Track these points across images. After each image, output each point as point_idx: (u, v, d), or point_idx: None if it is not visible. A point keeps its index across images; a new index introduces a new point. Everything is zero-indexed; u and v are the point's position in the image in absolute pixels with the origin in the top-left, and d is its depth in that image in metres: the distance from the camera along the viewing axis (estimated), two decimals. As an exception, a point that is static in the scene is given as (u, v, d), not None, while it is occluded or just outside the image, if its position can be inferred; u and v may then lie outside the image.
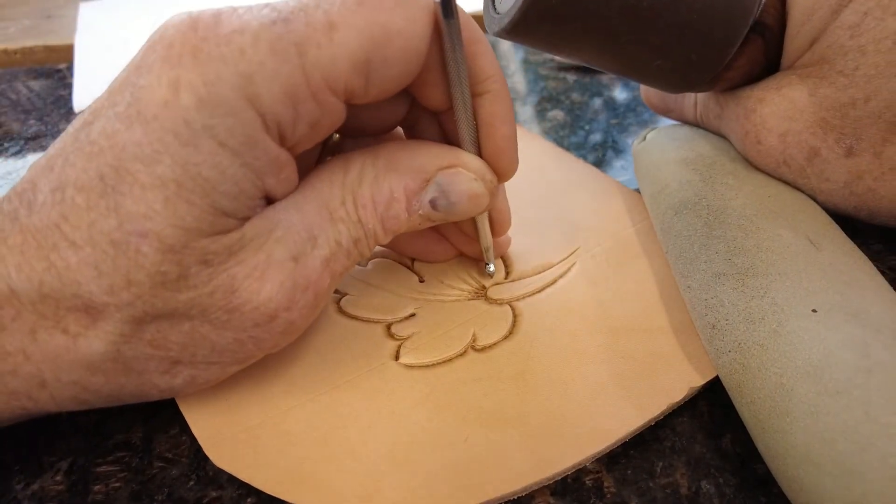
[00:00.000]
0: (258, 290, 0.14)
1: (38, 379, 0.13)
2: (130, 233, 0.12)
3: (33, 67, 0.37)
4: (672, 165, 0.21)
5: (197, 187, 0.12)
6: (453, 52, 0.14)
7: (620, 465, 0.15)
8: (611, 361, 0.17)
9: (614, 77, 0.37)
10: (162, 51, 0.12)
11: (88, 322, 0.13)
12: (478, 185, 0.17)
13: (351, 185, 0.15)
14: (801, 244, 0.17)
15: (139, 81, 0.12)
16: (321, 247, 0.15)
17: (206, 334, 0.14)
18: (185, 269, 0.13)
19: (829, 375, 0.14)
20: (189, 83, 0.12)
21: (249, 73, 0.12)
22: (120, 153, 0.12)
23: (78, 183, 0.12)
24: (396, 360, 0.17)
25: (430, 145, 0.17)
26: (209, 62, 0.12)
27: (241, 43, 0.12)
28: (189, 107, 0.12)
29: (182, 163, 0.12)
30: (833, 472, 0.13)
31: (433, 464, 0.14)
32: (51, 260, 0.13)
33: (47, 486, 0.15)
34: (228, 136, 0.12)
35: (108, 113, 0.13)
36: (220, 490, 0.15)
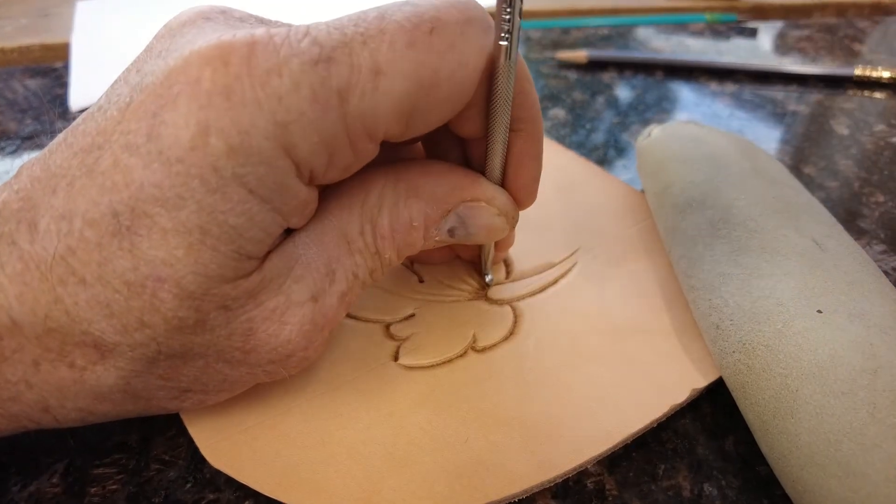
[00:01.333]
0: (277, 333, 0.13)
1: (41, 405, 0.13)
2: (147, 276, 0.12)
3: (29, 66, 0.37)
4: (677, 164, 0.21)
5: (223, 234, 0.12)
6: (505, 93, 0.14)
7: (622, 468, 0.15)
8: (612, 362, 0.17)
9: (616, 75, 0.37)
10: (187, 85, 0.11)
11: (97, 357, 0.12)
12: (499, 221, 0.16)
13: (370, 212, 0.14)
14: (806, 245, 0.17)
15: (161, 115, 0.11)
16: (339, 282, 0.14)
17: (220, 370, 0.14)
18: (203, 314, 0.12)
19: (834, 376, 0.14)
20: (220, 129, 0.11)
21: (287, 122, 0.11)
22: (137, 192, 0.11)
23: (87, 216, 0.11)
24: (396, 360, 0.17)
25: (453, 172, 0.16)
26: (243, 107, 0.11)
27: (279, 87, 0.11)
28: (219, 154, 0.11)
29: (208, 210, 0.11)
30: (838, 473, 0.13)
31: (433, 465, 0.14)
32: (57, 294, 0.12)
33: (43, 488, 0.15)
34: (259, 185, 0.12)
35: (120, 140, 0.11)
36: (217, 492, 0.15)
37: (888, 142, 0.30)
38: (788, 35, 0.44)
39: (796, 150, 0.30)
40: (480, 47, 0.13)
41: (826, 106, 0.34)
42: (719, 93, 0.35)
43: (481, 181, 0.16)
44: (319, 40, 0.12)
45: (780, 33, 0.45)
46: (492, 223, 0.16)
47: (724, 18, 0.47)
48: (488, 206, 0.16)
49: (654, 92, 0.35)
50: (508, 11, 0.12)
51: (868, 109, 0.33)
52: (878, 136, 0.31)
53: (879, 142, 0.30)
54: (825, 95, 0.35)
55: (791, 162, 0.28)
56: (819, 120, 0.32)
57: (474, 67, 0.13)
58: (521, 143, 0.16)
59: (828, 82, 0.36)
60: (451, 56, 0.12)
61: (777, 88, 0.36)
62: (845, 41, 0.43)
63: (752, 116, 0.33)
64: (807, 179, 0.27)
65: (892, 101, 0.34)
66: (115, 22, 0.41)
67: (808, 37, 0.44)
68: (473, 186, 0.16)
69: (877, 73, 0.35)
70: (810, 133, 0.31)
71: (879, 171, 0.28)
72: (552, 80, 0.37)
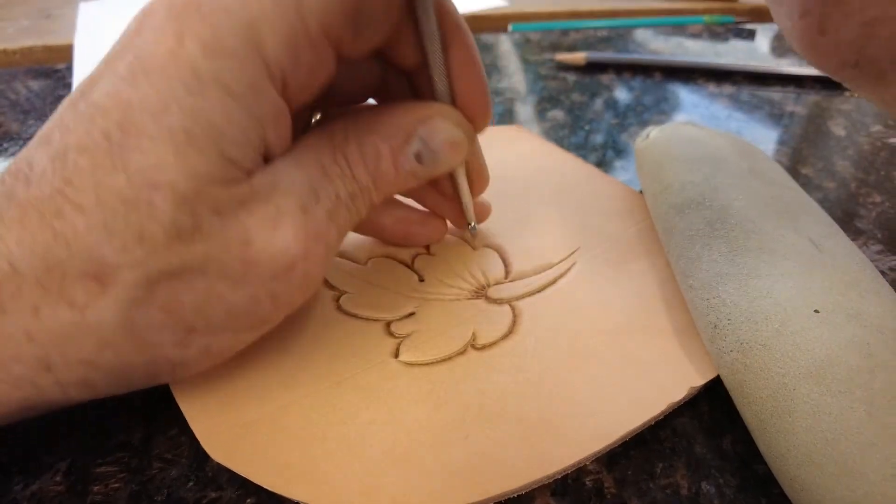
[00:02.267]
0: (273, 238, 0.14)
1: (43, 362, 0.13)
2: (142, 186, 0.12)
3: (32, 67, 0.37)
4: (675, 164, 0.21)
5: (206, 135, 0.12)
6: (424, 5, 0.15)
7: (620, 466, 0.15)
8: (611, 361, 0.17)
9: (614, 77, 0.37)
10: (163, 10, 0.13)
11: (98, 289, 0.13)
12: (457, 133, 0.17)
13: (339, 144, 0.16)
14: (803, 245, 0.17)
15: (141, 37, 0.13)
16: (323, 200, 0.15)
17: (222, 293, 0.14)
18: (198, 218, 0.13)
19: (831, 375, 0.14)
20: (195, 33, 0.12)
21: (253, 21, 0.13)
22: (126, 109, 0.12)
23: (80, 145, 0.12)
24: (396, 357, 0.17)
25: (406, 103, 0.17)
26: (213, 13, 0.12)
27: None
28: (196, 55, 0.12)
29: (190, 110, 0.12)
30: (835, 472, 0.13)
31: (432, 461, 0.14)
32: (56, 228, 0.12)
33: (46, 487, 0.15)
34: (235, 83, 0.13)
35: (108, 77, 0.13)
36: (219, 491, 0.15)
37: (885, 142, 0.30)
38: (786, 37, 0.44)
39: (794, 150, 0.30)
40: None
41: (823, 107, 0.34)
42: (717, 94, 0.35)
43: (432, 103, 0.17)
44: None
45: (778, 35, 0.45)
46: (451, 135, 0.17)
47: (721, 20, 0.47)
48: (443, 120, 0.17)
49: (653, 93, 0.35)
50: None
51: (865, 110, 0.33)
52: (875, 136, 0.31)
53: (876, 143, 0.30)
54: (822, 97, 0.35)
55: (788, 163, 0.29)
56: (816, 121, 0.32)
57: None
58: (458, 55, 0.17)
59: (825, 84, 0.36)
60: None
61: (775, 90, 0.36)
62: (843, 43, 0.43)
63: (749, 117, 0.33)
64: (804, 180, 0.27)
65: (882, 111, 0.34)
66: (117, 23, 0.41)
67: (806, 39, 0.44)
68: (425, 108, 0.17)
69: (874, 75, 0.35)
70: (808, 134, 0.31)
71: (876, 171, 0.28)
72: (551, 81, 0.37)
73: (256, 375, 0.16)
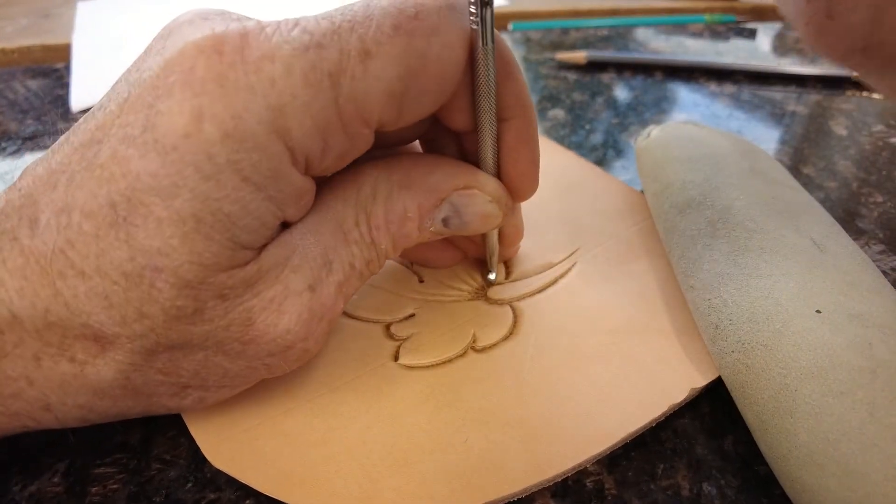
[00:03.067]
0: (276, 322, 0.13)
1: (42, 402, 0.13)
2: (144, 266, 0.12)
3: (31, 67, 0.37)
4: (676, 164, 0.21)
5: (217, 223, 0.12)
6: (486, 78, 0.14)
7: (621, 467, 0.15)
8: (611, 362, 0.17)
9: (615, 76, 0.37)
10: (182, 74, 0.11)
11: (97, 351, 0.13)
12: (492, 207, 0.16)
13: (364, 202, 0.15)
14: (804, 245, 0.17)
15: (156, 105, 0.11)
16: (336, 272, 0.14)
17: (220, 363, 0.14)
18: (201, 303, 0.12)
19: (833, 376, 0.14)
20: (214, 115, 0.11)
21: (280, 106, 0.11)
22: (133, 182, 0.11)
23: (86, 209, 0.12)
24: (396, 360, 0.17)
25: (445, 163, 0.16)
26: (236, 92, 0.11)
27: (272, 72, 0.11)
28: (213, 140, 0.11)
29: (202, 198, 0.11)
30: (836, 472, 0.13)
31: (432, 465, 0.14)
32: (57, 287, 0.12)
33: (45, 488, 0.15)
34: (253, 171, 0.12)
35: (118, 133, 0.12)
36: (218, 492, 0.15)
37: (886, 142, 0.30)
38: (787, 36, 0.44)
39: (795, 150, 0.30)
40: (462, 31, 0.13)
41: (825, 106, 0.34)
42: (718, 93, 0.35)
43: (472, 169, 0.16)
44: (309, 29, 0.12)
45: (779, 34, 0.45)
46: (485, 210, 0.16)
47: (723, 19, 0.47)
48: (480, 192, 0.16)
49: (653, 92, 0.35)
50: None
51: (866, 110, 0.33)
52: (877, 136, 0.31)
53: (878, 142, 0.30)
54: (824, 96, 0.35)
55: (790, 162, 0.28)
56: (818, 120, 0.32)
57: (458, 51, 0.13)
58: (514, 131, 0.16)
59: (826, 83, 0.36)
60: (435, 39, 0.13)
61: (776, 89, 0.36)
62: (844, 42, 0.43)
63: (750, 117, 0.33)
64: (805, 180, 0.27)
65: (890, 101, 0.34)
66: (116, 22, 0.41)
67: (807, 38, 0.44)
68: (465, 175, 0.16)
69: (875, 74, 0.35)
70: (809, 133, 0.31)
71: (878, 171, 0.28)
72: (551, 80, 0.37)
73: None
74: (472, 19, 0.13)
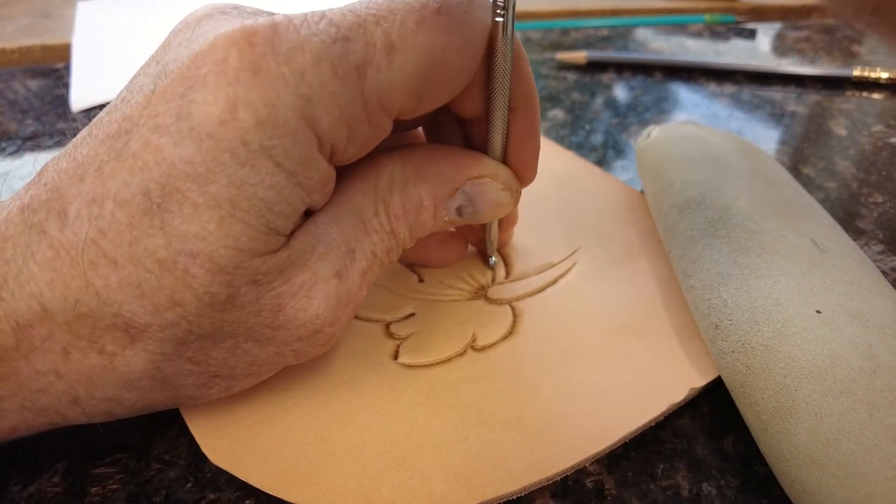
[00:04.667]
0: (306, 308, 0.14)
1: (70, 396, 0.13)
2: (179, 252, 0.12)
3: (31, 67, 0.37)
4: (676, 164, 0.21)
5: (252, 207, 0.12)
6: (503, 70, 0.14)
7: (621, 467, 0.15)
8: (611, 362, 0.17)
9: (615, 76, 0.37)
10: (215, 65, 0.12)
11: (127, 341, 0.13)
12: (504, 196, 0.17)
13: (382, 193, 0.15)
14: (804, 245, 0.17)
15: (189, 95, 0.12)
16: (359, 260, 0.15)
17: (249, 350, 0.14)
18: (234, 290, 0.12)
19: (833, 376, 0.14)
20: (248, 103, 0.11)
21: (310, 96, 0.12)
22: (168, 170, 0.12)
23: (119, 198, 0.12)
24: (395, 359, 0.17)
25: (457, 153, 0.16)
26: (269, 82, 0.12)
27: (302, 63, 0.12)
28: (248, 127, 0.12)
29: (238, 183, 0.12)
30: (836, 473, 0.13)
31: (432, 463, 0.14)
32: (88, 278, 0.12)
33: (44, 489, 0.15)
34: (286, 157, 0.12)
35: (148, 123, 0.12)
36: (218, 492, 0.15)
37: (886, 142, 0.30)
38: (787, 36, 0.44)
39: (795, 150, 0.30)
40: (483, 25, 0.14)
41: (824, 107, 0.34)
42: (718, 94, 0.35)
43: (484, 159, 0.17)
44: (335, 21, 0.12)
45: (779, 34, 0.45)
46: (497, 198, 0.17)
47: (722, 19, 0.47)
48: (493, 181, 0.16)
49: (653, 93, 0.35)
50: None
51: (866, 110, 0.33)
52: (877, 136, 0.31)
53: (878, 142, 0.30)
54: (823, 96, 0.35)
55: (790, 162, 0.28)
56: (817, 121, 0.32)
57: (478, 44, 0.14)
58: (520, 120, 0.16)
59: (826, 83, 0.36)
60: (457, 33, 0.13)
61: (776, 89, 0.36)
62: (843, 42, 0.43)
63: (750, 117, 0.33)
64: (805, 180, 0.27)
65: (890, 101, 0.34)
66: (116, 22, 0.41)
67: (806, 38, 0.44)
68: (478, 164, 0.16)
69: (875, 74, 0.35)
70: (809, 134, 0.31)
71: (878, 171, 0.28)
72: (551, 80, 0.37)
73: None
74: (499, 12, 0.14)
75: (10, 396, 0.13)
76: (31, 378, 0.13)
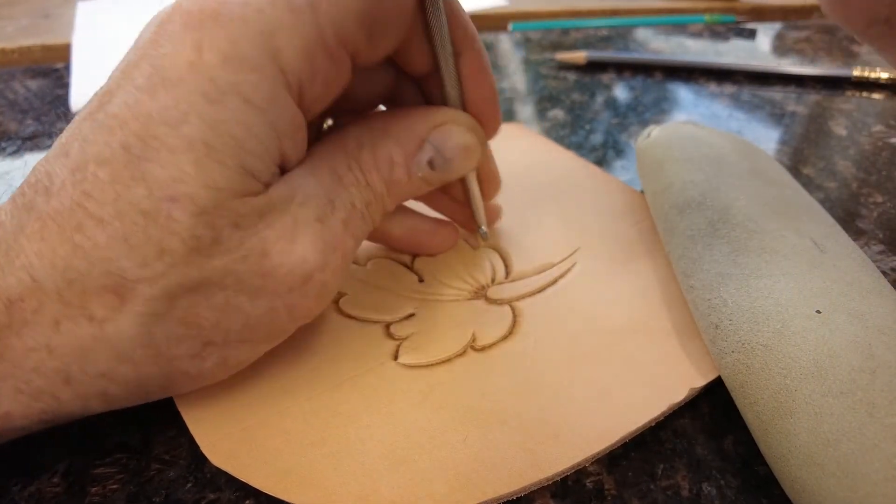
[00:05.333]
0: (291, 250, 0.14)
1: (63, 374, 0.13)
2: (161, 199, 0.12)
3: (31, 67, 0.37)
4: (676, 164, 0.21)
5: (226, 146, 0.12)
6: (436, 13, 0.15)
7: (621, 467, 0.15)
8: (611, 362, 0.17)
9: (615, 76, 0.37)
10: (180, 19, 0.12)
11: (117, 303, 0.13)
12: (470, 137, 0.17)
13: (352, 152, 0.16)
14: (805, 245, 0.17)
15: (160, 50, 0.12)
16: (339, 209, 0.15)
17: (240, 305, 0.14)
18: (217, 232, 0.13)
19: (833, 376, 0.14)
20: (213, 44, 0.12)
21: (270, 31, 0.13)
22: (145, 120, 0.12)
23: (100, 158, 0.12)
24: (395, 359, 0.17)
25: (418, 109, 0.17)
26: (230, 23, 0.12)
27: (259, 3, 0.13)
28: (214, 65, 0.12)
29: (210, 122, 0.12)
30: (836, 473, 0.13)
31: (431, 464, 0.14)
32: (75, 241, 0.12)
33: (44, 489, 0.15)
34: (253, 93, 0.13)
35: (126, 86, 0.13)
36: (218, 492, 0.15)
37: (886, 142, 0.30)
38: (787, 36, 0.44)
39: (795, 150, 0.30)
40: None
41: (824, 107, 0.34)
42: (718, 94, 0.35)
43: (443, 108, 0.17)
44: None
45: (779, 34, 0.45)
46: (464, 141, 0.17)
47: (722, 19, 0.47)
48: (455, 125, 0.17)
49: (653, 93, 0.35)
50: None
51: (866, 110, 0.33)
52: (877, 136, 0.31)
53: (878, 142, 0.30)
54: (823, 96, 0.35)
55: (790, 162, 0.28)
56: (817, 121, 0.32)
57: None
58: (469, 63, 0.17)
59: (826, 83, 0.36)
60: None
61: (776, 89, 0.36)
62: (843, 42, 0.43)
63: (750, 117, 0.33)
64: (805, 180, 0.27)
65: (890, 101, 0.34)
66: (115, 22, 0.41)
67: (806, 38, 0.44)
68: (437, 113, 0.17)
69: (875, 74, 0.35)
70: (809, 134, 0.31)
71: (878, 171, 0.28)
72: (551, 81, 0.37)
73: (256, 379, 0.16)
74: None
75: (4, 379, 0.13)
76: (23, 356, 0.13)
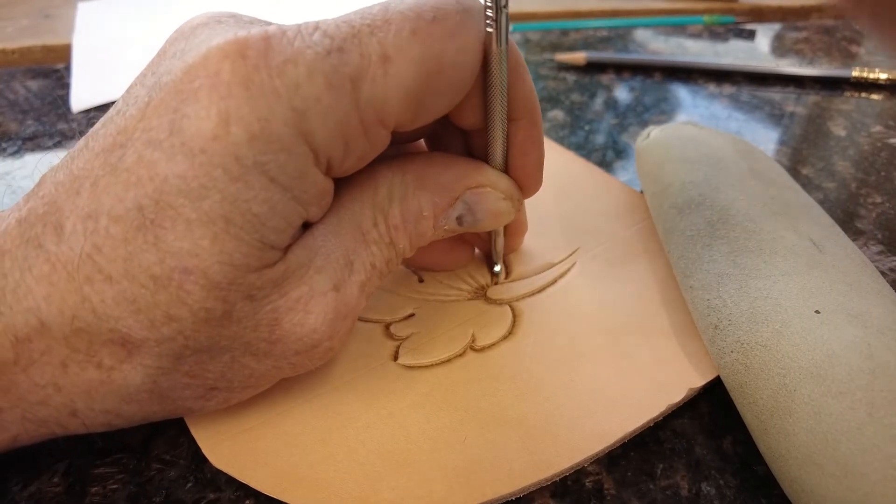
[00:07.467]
0: (302, 322, 0.13)
1: (69, 409, 0.13)
2: (173, 269, 0.12)
3: (31, 67, 0.37)
4: (676, 164, 0.21)
5: (246, 223, 0.12)
6: (499, 79, 0.14)
7: (620, 467, 0.15)
8: (610, 362, 0.17)
9: (614, 77, 0.37)
10: (207, 78, 0.11)
11: (124, 356, 0.13)
12: (505, 205, 0.17)
13: (381, 204, 0.15)
14: (804, 245, 0.17)
15: (182, 109, 0.11)
16: (358, 272, 0.14)
17: (247, 363, 0.14)
18: (230, 305, 0.12)
19: (832, 376, 0.14)
20: (241, 117, 0.11)
21: (304, 109, 0.12)
22: (161, 185, 0.11)
23: (113, 213, 0.12)
24: (395, 360, 0.17)
25: (457, 161, 0.16)
26: (262, 96, 0.11)
27: (296, 76, 0.12)
28: (240, 142, 0.11)
29: (231, 199, 0.12)
30: (836, 473, 0.13)
31: (431, 464, 0.14)
32: (84, 293, 0.12)
33: (45, 489, 0.15)
34: (280, 172, 0.12)
35: (142, 137, 0.12)
36: (218, 492, 0.15)
37: (885, 143, 0.30)
38: (786, 37, 0.44)
39: (794, 151, 0.30)
40: (478, 34, 0.14)
41: (823, 107, 0.34)
42: (717, 94, 0.35)
43: (485, 168, 0.16)
44: (329, 33, 0.12)
45: (778, 35, 0.45)
46: (497, 207, 0.16)
47: (722, 20, 0.47)
48: (493, 190, 0.16)
49: (653, 93, 0.35)
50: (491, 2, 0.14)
51: (865, 111, 0.33)
52: (876, 137, 0.31)
53: (876, 143, 0.30)
54: (822, 97, 0.35)
55: (789, 163, 0.28)
56: (816, 121, 0.32)
57: (473, 53, 0.14)
58: (521, 131, 0.16)
59: (825, 84, 0.36)
60: (452, 42, 0.13)
61: (775, 90, 0.36)
62: (842, 43, 0.43)
63: (749, 118, 0.33)
64: (804, 180, 0.27)
65: (889, 102, 0.34)
66: (116, 23, 0.41)
67: (805, 39, 0.44)
68: (477, 173, 0.16)
69: (874, 75, 0.35)
70: (808, 134, 0.31)
71: (877, 172, 0.28)
72: (551, 81, 0.37)
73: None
74: (489, 22, 0.14)
75: (11, 408, 0.13)
76: (30, 390, 0.13)
